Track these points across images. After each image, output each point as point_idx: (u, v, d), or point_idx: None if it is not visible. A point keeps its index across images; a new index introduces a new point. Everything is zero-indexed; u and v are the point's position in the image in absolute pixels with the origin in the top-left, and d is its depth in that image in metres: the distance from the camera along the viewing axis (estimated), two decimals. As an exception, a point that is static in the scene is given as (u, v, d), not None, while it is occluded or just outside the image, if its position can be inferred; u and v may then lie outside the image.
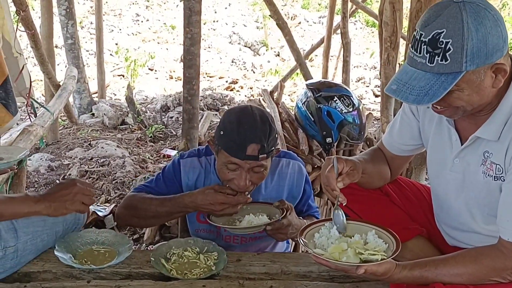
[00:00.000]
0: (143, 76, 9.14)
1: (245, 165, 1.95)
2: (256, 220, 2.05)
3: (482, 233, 1.74)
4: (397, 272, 1.60)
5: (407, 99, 1.51)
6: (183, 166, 2.20)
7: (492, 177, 1.63)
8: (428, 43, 1.46)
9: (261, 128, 1.94)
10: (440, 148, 1.80)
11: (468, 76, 1.47)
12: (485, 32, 1.43)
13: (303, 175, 2.24)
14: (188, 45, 3.22)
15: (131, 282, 1.83)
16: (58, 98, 4.29)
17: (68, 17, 6.03)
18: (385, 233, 1.72)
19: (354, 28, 11.72)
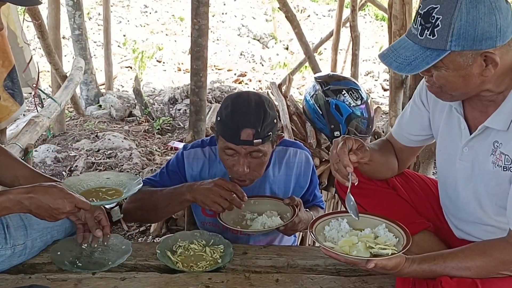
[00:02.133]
0: (151, 68, 9.13)
1: (241, 150, 1.95)
2: (269, 221, 2.04)
3: (491, 224, 1.73)
4: (407, 266, 1.60)
5: (391, 65, 1.55)
6: (186, 157, 2.20)
7: (501, 167, 1.61)
8: (422, 16, 1.50)
9: (255, 113, 1.94)
10: (449, 137, 1.79)
11: (454, 57, 1.48)
12: (476, 16, 1.43)
13: (310, 165, 2.24)
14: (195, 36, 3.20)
15: (136, 274, 1.83)
16: (65, 89, 4.29)
17: (75, 8, 6.02)
18: (396, 227, 1.71)
19: (363, 21, 11.65)
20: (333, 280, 1.84)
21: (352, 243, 1.64)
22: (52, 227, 1.94)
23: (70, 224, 2.01)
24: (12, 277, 1.79)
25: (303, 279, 1.83)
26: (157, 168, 4.18)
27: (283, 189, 2.20)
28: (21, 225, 1.84)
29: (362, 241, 1.64)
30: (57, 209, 1.69)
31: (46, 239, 1.93)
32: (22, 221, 1.85)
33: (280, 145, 2.19)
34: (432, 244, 1.90)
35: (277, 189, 2.19)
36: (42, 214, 1.70)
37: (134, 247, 1.98)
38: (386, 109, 6.18)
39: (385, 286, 1.82)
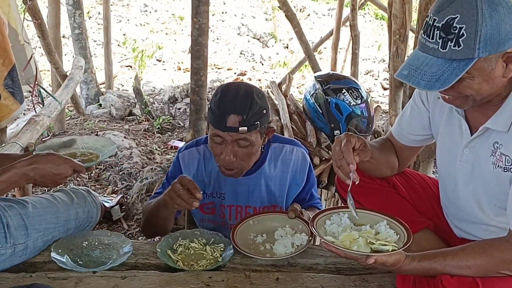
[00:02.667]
0: (151, 67, 9.12)
1: (227, 137, 1.95)
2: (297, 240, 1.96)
3: (491, 224, 1.73)
4: (407, 264, 1.60)
5: (419, 85, 1.50)
6: (181, 160, 2.21)
7: (502, 168, 1.62)
8: (442, 28, 1.45)
9: (242, 100, 1.93)
10: (450, 138, 1.79)
11: (479, 64, 1.46)
12: (498, 19, 1.42)
13: (307, 162, 2.22)
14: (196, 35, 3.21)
15: (137, 273, 1.83)
16: (65, 88, 4.29)
17: (75, 7, 6.02)
18: (397, 224, 1.72)
19: (363, 20, 11.64)
20: (333, 279, 1.84)
21: (353, 238, 1.65)
22: (54, 228, 1.94)
23: (73, 224, 2.01)
24: (13, 276, 1.79)
25: (303, 277, 1.83)
26: (157, 167, 4.19)
27: (279, 186, 2.19)
28: (22, 224, 1.85)
29: (363, 237, 1.64)
30: (60, 174, 1.77)
31: (48, 239, 1.93)
32: (23, 221, 1.85)
33: (276, 141, 2.20)
34: (432, 243, 1.91)
35: (273, 186, 2.18)
36: (46, 182, 1.77)
37: (134, 245, 1.98)
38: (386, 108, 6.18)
39: (386, 284, 1.82)
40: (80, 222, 2.03)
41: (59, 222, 1.96)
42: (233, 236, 1.95)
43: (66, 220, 1.98)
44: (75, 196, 2.07)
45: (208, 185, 2.20)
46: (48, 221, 1.92)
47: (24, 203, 1.92)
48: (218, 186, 2.19)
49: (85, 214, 2.06)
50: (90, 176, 4.35)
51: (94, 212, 2.10)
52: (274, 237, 1.99)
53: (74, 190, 2.12)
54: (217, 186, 2.20)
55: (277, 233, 2.00)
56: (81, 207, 2.05)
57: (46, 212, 1.94)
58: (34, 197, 2.02)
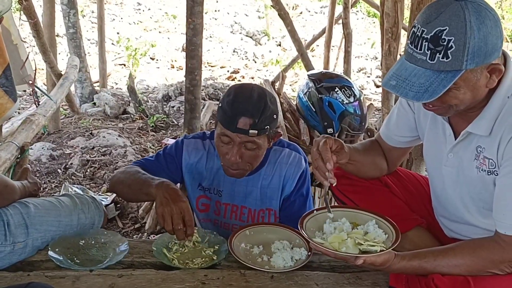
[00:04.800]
0: (144, 66, 9.13)
1: (236, 139, 1.95)
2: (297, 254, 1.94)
3: (479, 226, 1.75)
4: (396, 262, 1.62)
5: (407, 95, 1.51)
6: (186, 145, 2.21)
7: (485, 171, 1.64)
8: (430, 40, 1.46)
9: (255, 103, 1.94)
10: (435, 142, 1.81)
11: (466, 75, 1.48)
12: (486, 32, 1.44)
13: (300, 169, 2.17)
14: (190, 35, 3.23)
15: (133, 271, 1.85)
16: (60, 87, 4.30)
17: (69, 6, 6.03)
18: (385, 223, 1.74)
19: (356, 18, 11.69)
20: (327, 277, 1.86)
21: (342, 239, 1.66)
22: (54, 231, 1.96)
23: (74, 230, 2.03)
24: (11, 275, 1.80)
25: (297, 275, 1.85)
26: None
27: (274, 190, 2.18)
28: (22, 223, 1.86)
29: (351, 238, 1.66)
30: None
31: (47, 241, 1.95)
32: (23, 220, 1.87)
33: (277, 145, 2.19)
34: (425, 241, 1.93)
35: (269, 189, 2.18)
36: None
37: (130, 244, 2.00)
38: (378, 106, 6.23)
39: (379, 282, 1.84)
40: (82, 227, 2.05)
41: (60, 226, 1.98)
42: (231, 245, 1.94)
43: (68, 224, 2.00)
44: (80, 202, 2.09)
45: (206, 179, 2.20)
46: (49, 223, 1.94)
47: (27, 203, 1.94)
48: (216, 183, 2.20)
49: (88, 220, 2.08)
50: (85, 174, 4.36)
51: (96, 219, 2.12)
52: (271, 250, 1.97)
53: (79, 196, 2.15)
54: (215, 183, 2.20)
55: (274, 246, 1.97)
56: (84, 213, 2.07)
57: (48, 214, 1.96)
58: (38, 199, 2.05)
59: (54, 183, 4.15)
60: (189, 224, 1.84)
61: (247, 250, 1.98)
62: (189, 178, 2.23)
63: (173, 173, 2.21)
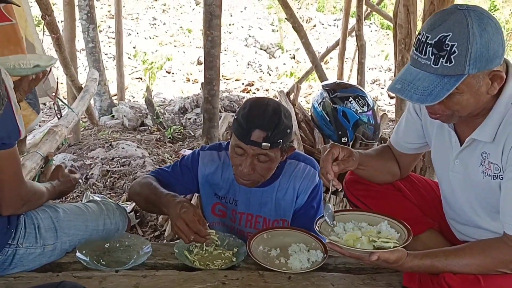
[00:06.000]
0: (161, 79, 9.24)
1: (249, 151, 1.99)
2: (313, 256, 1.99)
3: (489, 229, 1.78)
4: (408, 261, 1.66)
5: (411, 98, 1.56)
6: (201, 157, 2.26)
7: (491, 176, 1.68)
8: (434, 45, 1.52)
9: (270, 117, 1.98)
10: (442, 149, 1.85)
11: (469, 80, 1.53)
12: (488, 38, 1.49)
13: (314, 183, 2.20)
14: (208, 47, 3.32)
15: (156, 272, 1.91)
16: (81, 100, 4.41)
17: (89, 22, 6.18)
18: (397, 223, 1.79)
19: (369, 30, 11.73)
20: (343, 278, 1.91)
21: (356, 237, 1.72)
22: (82, 234, 2.04)
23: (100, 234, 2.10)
24: (41, 275, 1.87)
25: (314, 276, 1.89)
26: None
27: (288, 202, 2.22)
28: (52, 227, 1.95)
29: (365, 235, 1.72)
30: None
31: (74, 243, 2.02)
32: (53, 224, 1.95)
33: (293, 158, 2.21)
34: (437, 243, 1.95)
35: (283, 201, 2.21)
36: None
37: (153, 247, 2.06)
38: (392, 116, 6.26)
39: (393, 283, 1.88)
40: (107, 232, 2.13)
41: (87, 230, 2.06)
42: (249, 247, 1.99)
43: (94, 228, 2.08)
44: (105, 207, 2.18)
45: (222, 189, 2.26)
46: (77, 228, 2.02)
47: (56, 208, 2.02)
48: (232, 193, 2.24)
49: (113, 225, 2.16)
50: (105, 184, 4.46)
51: (121, 224, 2.20)
52: (288, 252, 2.01)
53: (105, 202, 2.24)
54: (231, 193, 2.25)
55: (291, 249, 2.02)
56: (109, 218, 2.15)
57: (76, 218, 2.04)
58: (66, 204, 2.15)
59: (76, 193, 4.24)
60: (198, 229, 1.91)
61: (265, 252, 2.03)
62: (205, 188, 2.28)
63: (189, 184, 2.27)
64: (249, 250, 1.98)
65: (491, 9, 12.25)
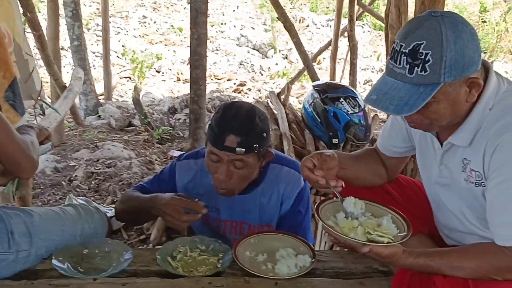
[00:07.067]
0: (150, 78, 9.18)
1: (224, 157, 1.93)
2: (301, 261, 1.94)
3: (478, 234, 1.74)
4: (403, 258, 1.64)
5: (388, 109, 1.54)
6: (178, 169, 2.21)
7: (473, 183, 1.65)
8: (408, 54, 1.49)
9: (244, 121, 1.92)
10: (426, 155, 1.83)
11: (445, 88, 1.50)
12: (462, 45, 1.47)
13: (298, 188, 2.15)
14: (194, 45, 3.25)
15: (137, 280, 1.84)
16: (65, 99, 4.31)
17: (74, 19, 6.09)
18: (400, 220, 1.76)
19: (362, 31, 11.74)
20: (331, 283, 1.87)
21: (353, 226, 1.69)
22: (58, 240, 1.97)
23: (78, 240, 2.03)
24: (15, 283, 1.81)
25: (301, 282, 1.85)
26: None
27: (273, 207, 2.16)
28: (26, 232, 1.87)
29: (362, 226, 1.69)
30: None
31: (51, 249, 1.95)
32: (27, 229, 1.88)
33: (277, 162, 2.15)
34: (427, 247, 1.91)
35: (267, 207, 2.16)
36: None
37: (134, 253, 1.99)
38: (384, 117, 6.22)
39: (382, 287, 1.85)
40: (85, 238, 2.05)
41: (64, 235, 1.99)
42: (235, 253, 1.94)
43: (71, 234, 2.01)
44: (84, 211, 2.11)
45: (203, 197, 2.16)
46: (53, 233, 1.95)
47: (31, 212, 1.95)
48: (214, 201, 2.17)
49: (91, 230, 2.09)
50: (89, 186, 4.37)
51: (100, 229, 2.14)
52: (275, 257, 1.96)
53: (83, 206, 2.17)
54: (212, 201, 2.18)
55: (279, 254, 1.97)
56: (87, 223, 2.08)
57: (51, 223, 1.97)
58: (42, 209, 2.07)
59: (59, 195, 4.15)
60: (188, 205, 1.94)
61: (252, 258, 1.97)
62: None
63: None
64: (235, 256, 1.93)
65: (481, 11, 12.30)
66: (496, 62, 11.06)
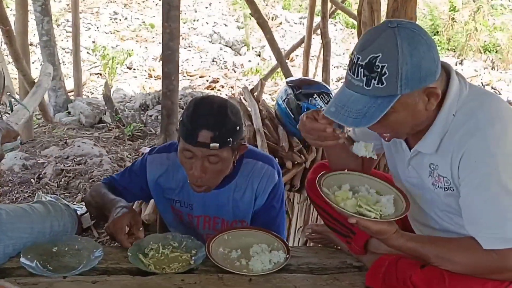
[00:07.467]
0: (122, 75, 9.08)
1: (198, 153, 1.90)
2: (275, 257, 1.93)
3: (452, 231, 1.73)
4: (394, 238, 1.64)
5: (346, 122, 1.52)
6: (149, 162, 2.17)
7: (442, 188, 1.65)
8: (365, 67, 1.48)
9: (216, 115, 1.89)
10: (396, 154, 1.83)
11: (403, 99, 1.50)
12: (419, 57, 1.46)
13: (272, 183, 2.13)
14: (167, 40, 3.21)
15: (108, 277, 1.81)
16: (33, 95, 4.23)
17: (43, 14, 5.98)
18: (403, 202, 1.72)
19: (334, 29, 11.80)
20: (305, 279, 1.86)
21: (347, 197, 1.69)
22: (27, 238, 1.92)
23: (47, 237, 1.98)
24: (-20, 282, 1.76)
25: (276, 278, 1.83)
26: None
27: (247, 202, 2.14)
28: None
29: (357, 199, 1.68)
30: None
31: (19, 247, 1.90)
32: None
33: (250, 157, 2.14)
34: None
35: (241, 202, 2.14)
36: None
37: (105, 250, 1.95)
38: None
39: (356, 282, 1.85)
40: (55, 235, 2.00)
41: (33, 233, 1.94)
42: (208, 249, 1.92)
43: (40, 231, 1.96)
44: (53, 208, 2.05)
45: (174, 192, 2.17)
46: (21, 230, 1.90)
47: None
48: (186, 196, 2.15)
49: (61, 228, 2.03)
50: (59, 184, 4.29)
51: (70, 226, 2.08)
52: (249, 253, 1.95)
53: (52, 203, 2.11)
54: (185, 196, 2.15)
55: (252, 250, 1.96)
56: (57, 220, 2.03)
57: (20, 221, 1.92)
58: (10, 206, 2.04)
59: (27, 193, 4.07)
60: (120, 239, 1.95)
61: (225, 254, 1.95)
62: (157, 193, 2.20)
63: (138, 191, 2.20)
64: (208, 252, 1.91)
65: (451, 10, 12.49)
66: (466, 60, 11.26)
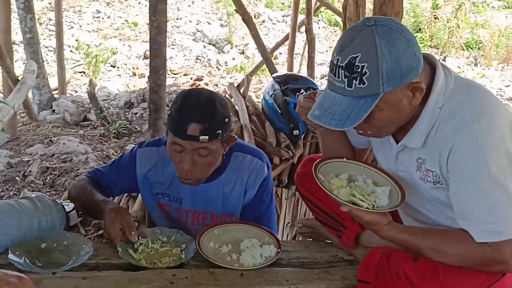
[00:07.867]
0: (105, 73, 9.00)
1: (187, 146, 1.89)
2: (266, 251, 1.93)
3: (444, 225, 1.73)
4: (386, 229, 1.64)
5: (330, 124, 1.53)
6: (139, 156, 2.15)
7: (431, 182, 1.65)
8: (345, 68, 1.48)
9: (204, 108, 1.88)
10: (383, 148, 1.82)
11: (386, 97, 1.50)
12: (398, 54, 1.46)
13: (262, 177, 2.13)
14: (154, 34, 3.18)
15: (98, 273, 1.79)
16: (17, 92, 4.18)
17: (26, 11, 5.93)
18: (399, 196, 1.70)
19: (317, 27, 11.82)
20: (297, 273, 1.86)
21: (342, 185, 1.68)
22: (14, 234, 1.89)
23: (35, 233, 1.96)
24: (-33, 279, 1.72)
25: (267, 272, 1.83)
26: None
27: (236, 196, 2.13)
28: None
29: (351, 188, 1.67)
30: None
31: (7, 244, 1.87)
32: None
33: (239, 151, 2.13)
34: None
35: (230, 195, 2.13)
36: None
37: (95, 246, 1.93)
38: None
39: (348, 276, 1.85)
40: (43, 231, 1.98)
41: (21, 229, 1.91)
42: (199, 244, 1.91)
43: (28, 227, 1.93)
44: (41, 204, 2.02)
45: (163, 186, 2.15)
46: (9, 227, 1.88)
47: None
48: (176, 190, 2.14)
49: (49, 224, 2.00)
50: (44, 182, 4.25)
51: (58, 222, 2.05)
52: (240, 248, 1.94)
53: (40, 199, 2.08)
54: (174, 190, 2.14)
55: (243, 244, 1.95)
56: (45, 216, 2.00)
57: (7, 217, 1.89)
58: None
59: (13, 191, 4.03)
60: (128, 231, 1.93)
61: (216, 249, 1.95)
62: (145, 188, 2.18)
63: (126, 184, 2.18)
64: (199, 247, 1.89)
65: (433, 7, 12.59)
66: (449, 57, 11.35)
